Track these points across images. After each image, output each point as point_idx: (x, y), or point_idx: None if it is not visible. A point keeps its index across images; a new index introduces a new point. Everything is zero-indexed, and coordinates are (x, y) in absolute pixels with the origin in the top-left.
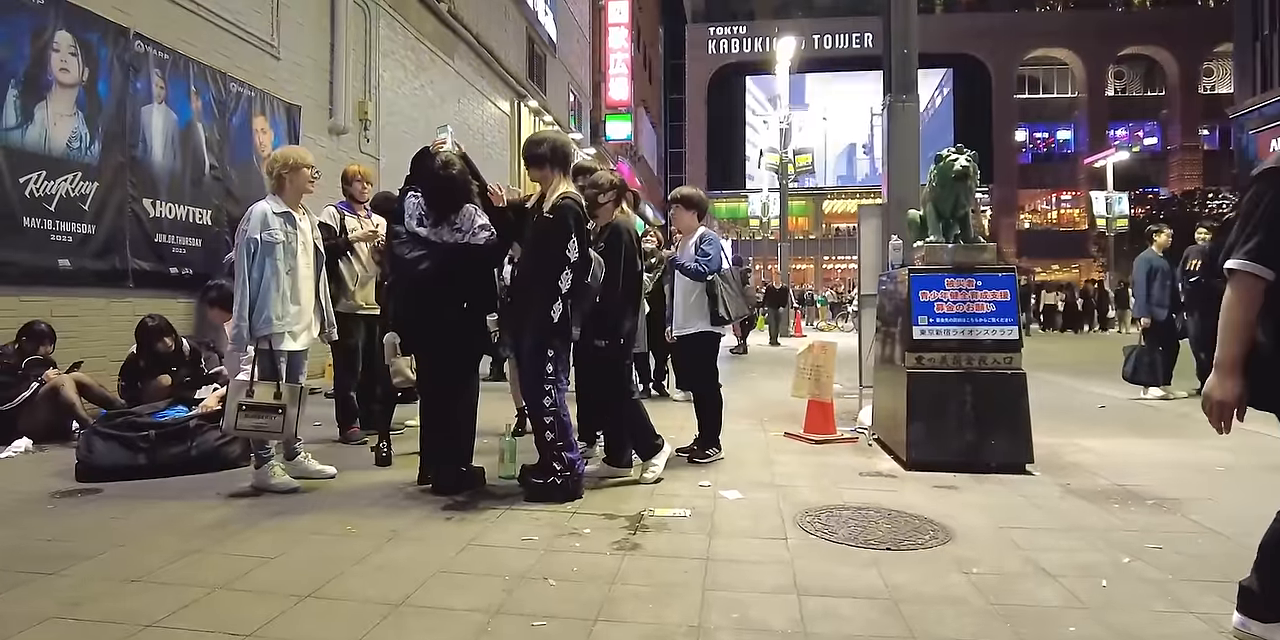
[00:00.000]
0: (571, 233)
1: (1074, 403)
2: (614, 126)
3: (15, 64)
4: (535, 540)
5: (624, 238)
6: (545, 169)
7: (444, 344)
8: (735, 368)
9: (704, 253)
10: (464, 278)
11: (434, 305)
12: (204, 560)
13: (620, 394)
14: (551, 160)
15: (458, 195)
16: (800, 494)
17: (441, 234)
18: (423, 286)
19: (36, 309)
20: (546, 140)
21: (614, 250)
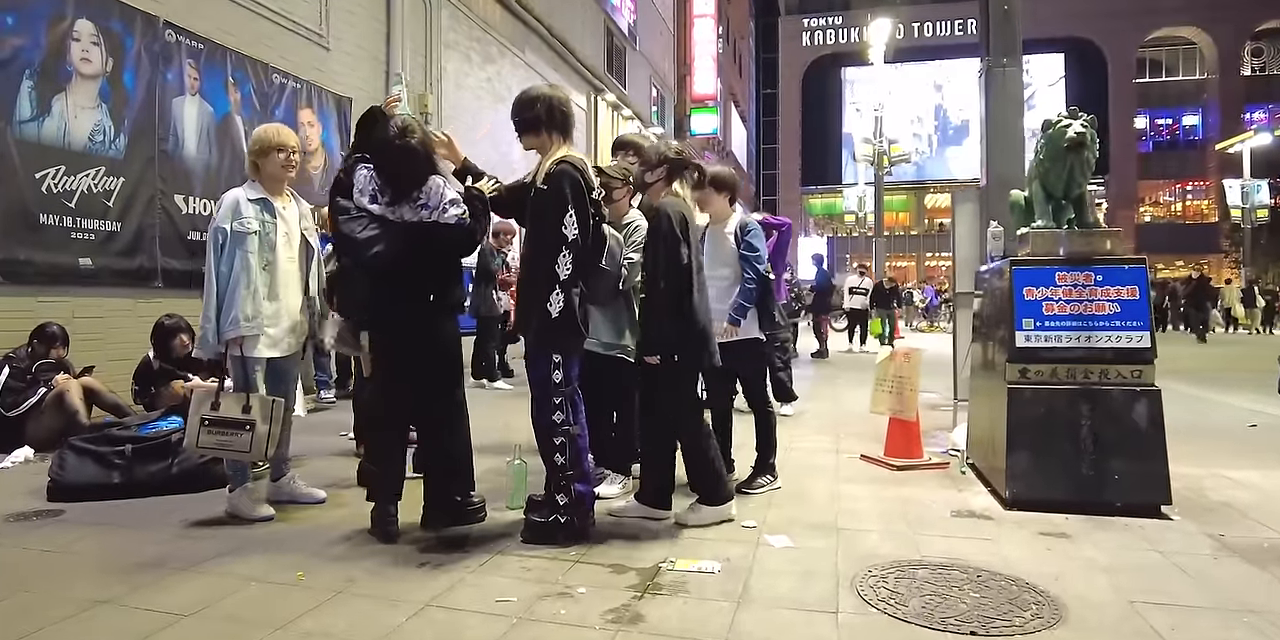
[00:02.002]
0: (568, 204)
1: (1213, 421)
2: (699, 120)
3: (30, 53)
4: (512, 602)
5: (664, 224)
6: (541, 134)
7: (419, 347)
8: (816, 374)
9: (750, 247)
10: (428, 264)
11: (396, 298)
12: (104, 617)
13: (679, 421)
14: (548, 123)
15: (420, 167)
16: (867, 543)
17: (402, 212)
18: (379, 273)
19: (56, 310)
20: (540, 98)
21: (652, 240)
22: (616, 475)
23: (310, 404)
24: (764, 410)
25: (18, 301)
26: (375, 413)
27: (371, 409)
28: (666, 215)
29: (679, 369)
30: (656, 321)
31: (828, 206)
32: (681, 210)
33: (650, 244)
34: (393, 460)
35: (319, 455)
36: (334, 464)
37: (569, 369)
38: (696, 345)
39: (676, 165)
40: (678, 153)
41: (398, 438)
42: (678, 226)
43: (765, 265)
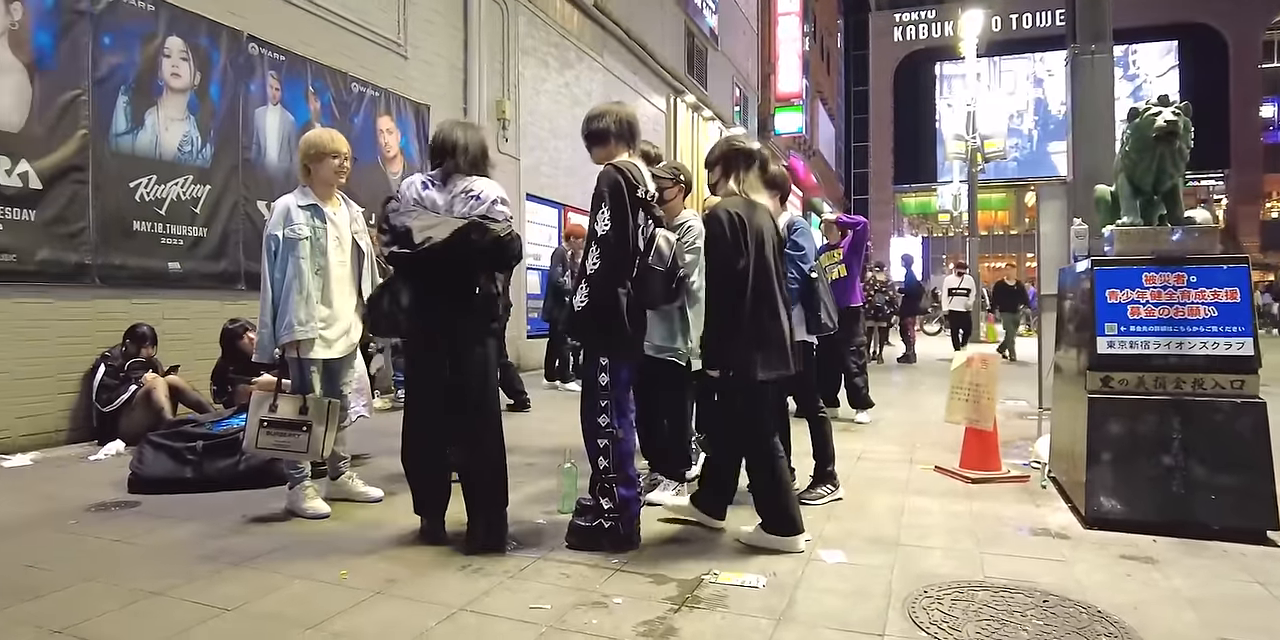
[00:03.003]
0: (602, 202)
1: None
2: (784, 119)
3: (126, 70)
4: (545, 610)
5: (711, 229)
6: (608, 145)
7: (446, 358)
8: (899, 380)
9: (795, 245)
10: (468, 269)
11: (431, 305)
12: (154, 607)
13: (737, 438)
14: (617, 134)
15: (481, 157)
16: (927, 560)
17: (454, 201)
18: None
19: (147, 312)
20: (605, 113)
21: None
22: (669, 481)
23: (387, 404)
24: (817, 417)
25: (113, 303)
26: (406, 425)
27: (405, 421)
28: (713, 219)
29: (733, 383)
30: (708, 332)
31: (922, 205)
32: (732, 211)
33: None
34: (423, 473)
35: (384, 453)
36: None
37: (616, 372)
38: (751, 358)
39: (731, 158)
40: (732, 144)
41: (430, 449)
42: (727, 230)
43: (812, 265)
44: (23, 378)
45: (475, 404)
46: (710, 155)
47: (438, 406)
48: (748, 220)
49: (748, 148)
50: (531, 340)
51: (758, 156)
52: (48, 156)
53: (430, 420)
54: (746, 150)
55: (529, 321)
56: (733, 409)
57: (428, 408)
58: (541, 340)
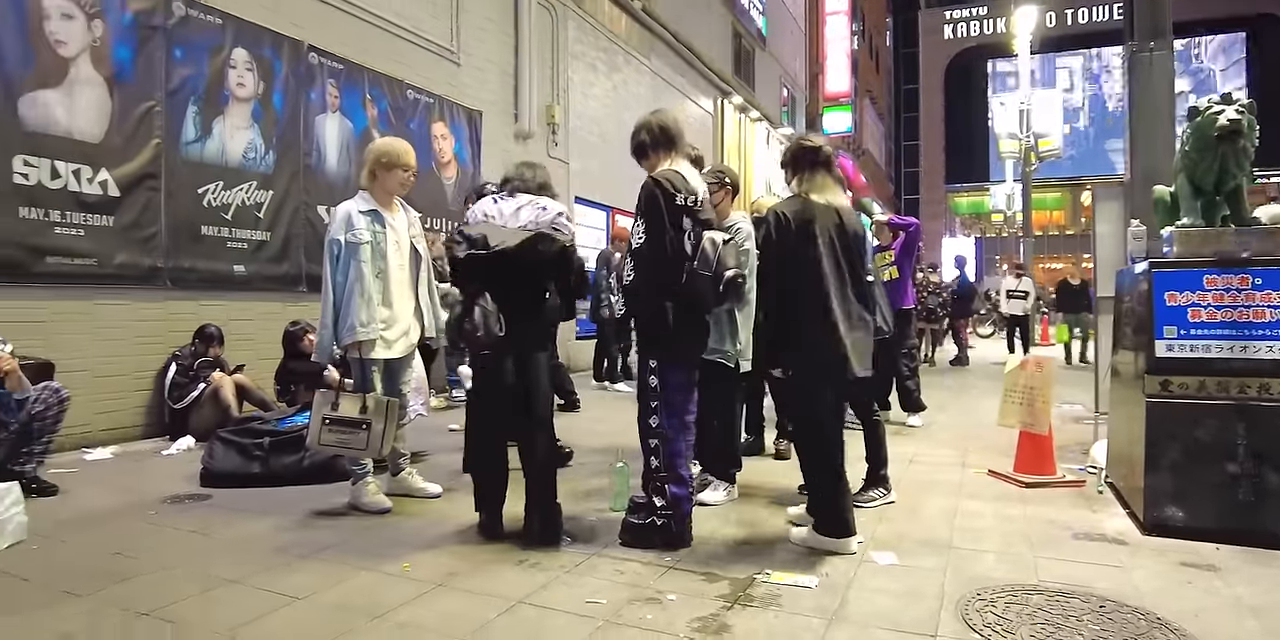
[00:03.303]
0: (639, 215)
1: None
2: (832, 119)
3: (195, 82)
4: (601, 604)
5: (763, 229)
6: (650, 156)
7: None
8: (951, 383)
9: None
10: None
11: (511, 302)
12: (231, 594)
13: (803, 438)
14: (653, 144)
15: (545, 185)
16: (981, 563)
17: (520, 210)
18: (497, 269)
19: (214, 313)
20: (642, 127)
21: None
22: (720, 482)
23: (441, 403)
24: (870, 420)
25: (183, 305)
26: (470, 424)
27: (469, 420)
28: (764, 221)
29: (789, 383)
30: (763, 332)
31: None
32: (781, 213)
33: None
34: (484, 470)
35: (441, 451)
36: (454, 459)
37: (665, 374)
38: (806, 359)
39: (798, 157)
40: (799, 143)
41: (490, 450)
42: (773, 232)
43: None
44: (102, 375)
45: (532, 405)
46: (783, 158)
47: (502, 407)
48: (798, 220)
49: (812, 145)
50: (580, 341)
51: (821, 154)
52: (125, 165)
53: (493, 420)
54: (810, 148)
55: (577, 323)
56: (789, 407)
57: (491, 408)
58: (590, 341)
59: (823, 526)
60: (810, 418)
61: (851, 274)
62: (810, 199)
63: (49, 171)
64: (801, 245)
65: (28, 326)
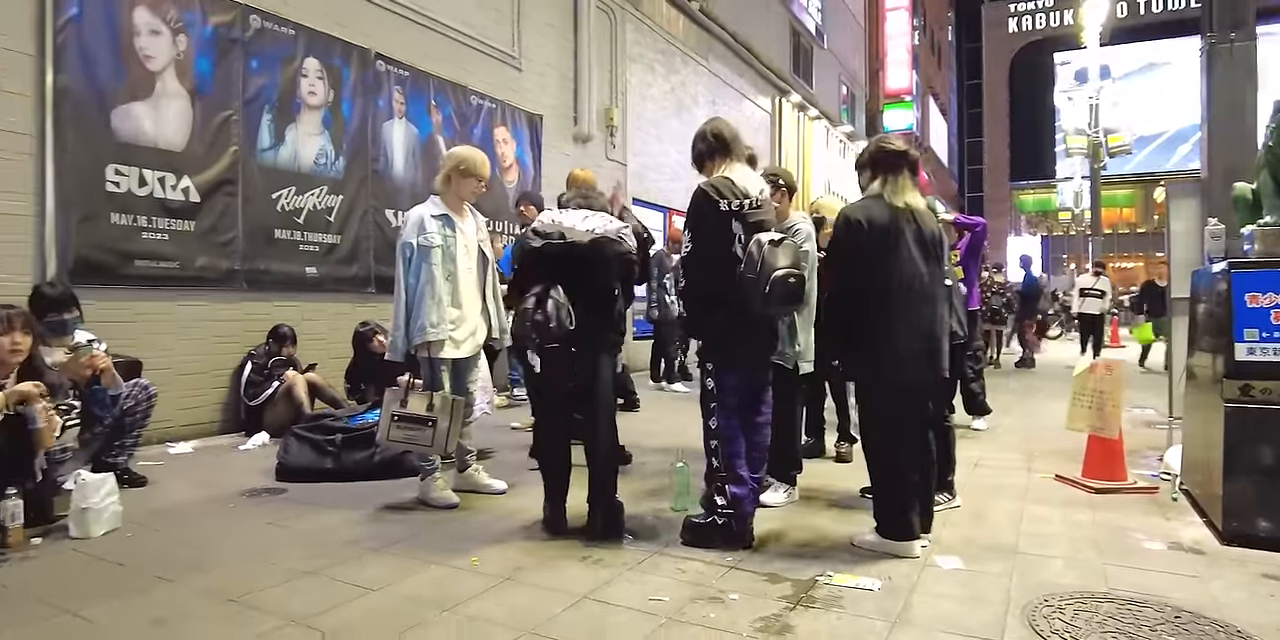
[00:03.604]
0: (686, 224)
1: None
2: (893, 116)
3: (270, 92)
4: (664, 602)
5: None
6: (708, 163)
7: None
8: (1017, 385)
9: None
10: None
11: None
12: (308, 584)
13: (869, 438)
14: (709, 152)
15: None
16: (1048, 569)
17: (590, 220)
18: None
19: (287, 313)
20: (700, 136)
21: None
22: (780, 484)
23: (503, 401)
24: (943, 425)
25: (258, 306)
26: (537, 421)
27: (536, 417)
28: (836, 222)
29: (856, 384)
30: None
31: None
32: (853, 216)
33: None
34: (552, 467)
35: (505, 448)
36: (519, 457)
37: (720, 377)
38: (873, 361)
39: (879, 160)
40: (881, 146)
41: (554, 446)
42: (845, 233)
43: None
44: (183, 373)
45: (595, 403)
46: (860, 158)
47: (565, 405)
48: (875, 222)
49: (897, 149)
50: (637, 341)
51: (909, 157)
52: (205, 172)
53: (557, 417)
54: (896, 151)
55: (634, 323)
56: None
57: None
58: (647, 341)
59: (885, 529)
60: (877, 417)
61: (930, 276)
62: (888, 201)
63: (137, 179)
64: (876, 247)
65: (117, 326)
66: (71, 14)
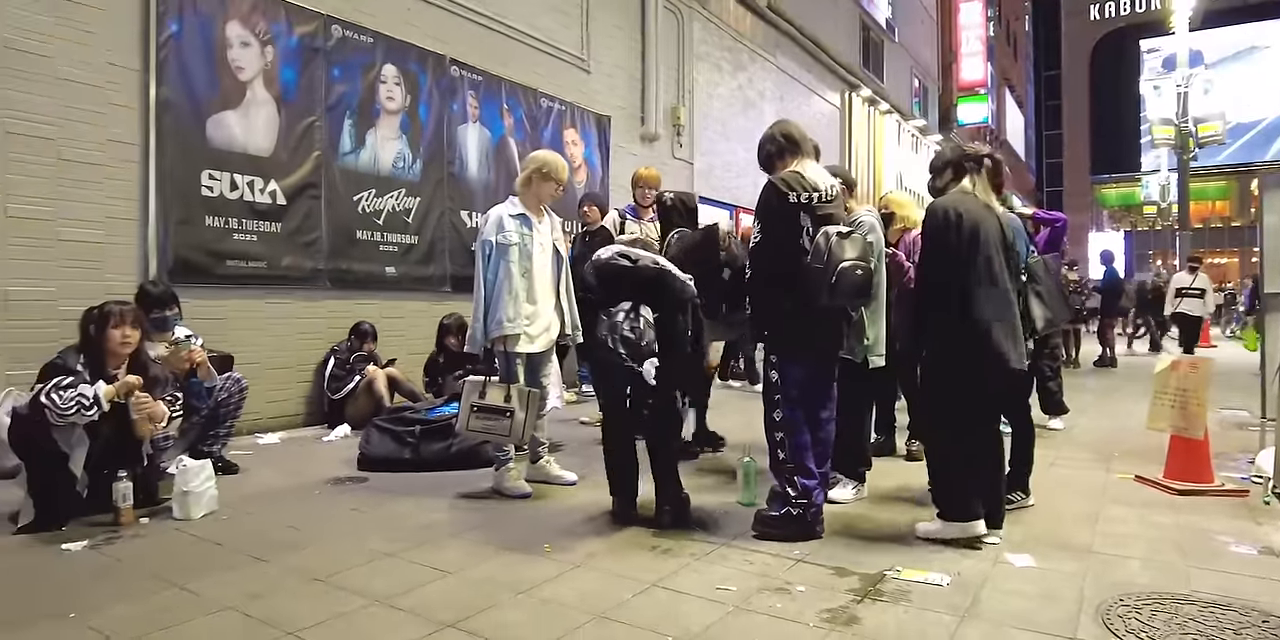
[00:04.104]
0: (755, 216)
1: None
2: (967, 109)
3: (351, 98)
4: (731, 591)
5: (924, 224)
6: (779, 164)
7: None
8: (1096, 384)
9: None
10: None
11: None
12: (388, 566)
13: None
14: (779, 153)
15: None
16: (1124, 570)
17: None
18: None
19: (368, 311)
20: (765, 139)
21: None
22: (848, 480)
23: (572, 396)
24: (1022, 422)
25: (341, 304)
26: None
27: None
28: (930, 214)
29: (924, 376)
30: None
31: (1124, 196)
32: (950, 208)
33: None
34: (619, 463)
35: (574, 442)
36: (588, 449)
37: (786, 369)
38: (952, 353)
39: (961, 163)
40: (964, 149)
41: (621, 444)
42: (940, 224)
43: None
44: (271, 368)
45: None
46: (938, 160)
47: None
48: (967, 218)
49: (980, 153)
50: None
51: (990, 161)
52: (290, 176)
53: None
54: (979, 155)
55: None
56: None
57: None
58: None
59: (948, 511)
60: (945, 407)
61: (1010, 274)
62: (977, 198)
63: (229, 184)
64: (967, 242)
65: (211, 323)
66: (172, 31)
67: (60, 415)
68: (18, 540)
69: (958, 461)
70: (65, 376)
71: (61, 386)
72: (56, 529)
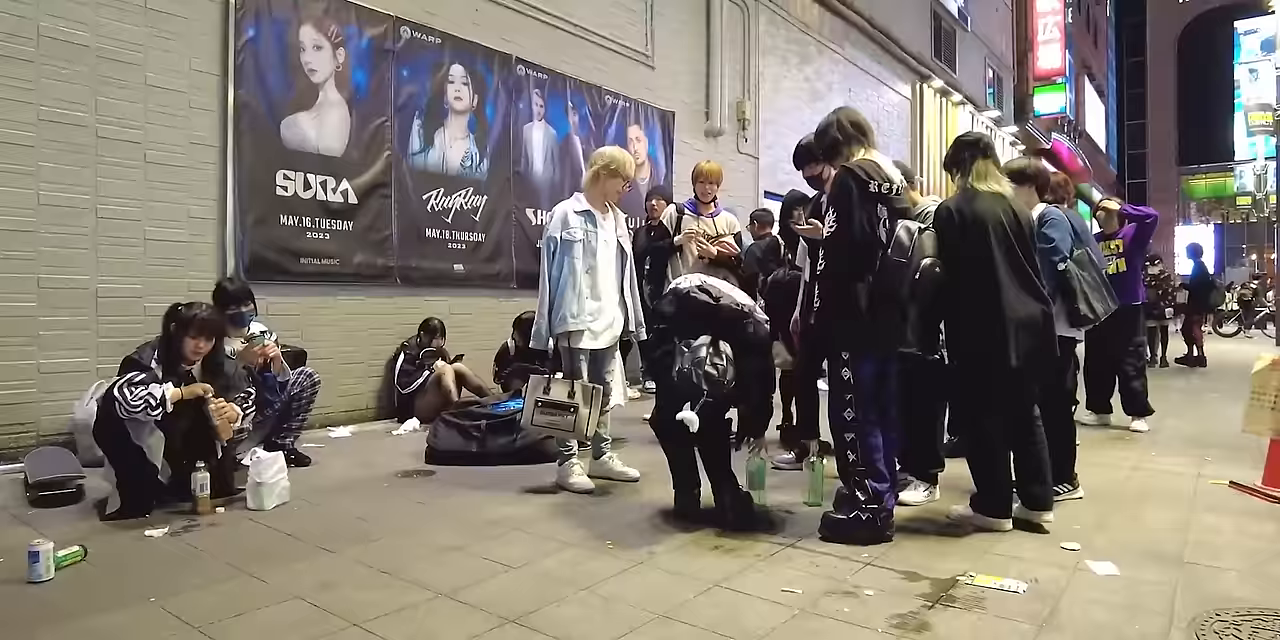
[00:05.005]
0: (831, 204)
1: None
2: (1044, 100)
3: (419, 98)
4: (797, 594)
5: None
6: (845, 152)
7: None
8: (1185, 384)
9: (1044, 237)
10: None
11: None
12: (454, 559)
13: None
14: (846, 140)
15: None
16: (1220, 581)
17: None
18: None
19: (437, 307)
20: (829, 126)
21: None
22: (920, 482)
23: (636, 393)
24: (1061, 415)
25: (410, 300)
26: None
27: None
28: (936, 213)
29: (962, 367)
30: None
31: (1214, 188)
32: (950, 206)
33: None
34: (680, 460)
35: (636, 439)
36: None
37: (859, 366)
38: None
39: (955, 153)
40: (957, 139)
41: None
42: (942, 225)
43: (1064, 254)
44: (343, 363)
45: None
46: (946, 160)
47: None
48: (963, 212)
49: (969, 138)
50: None
51: (982, 143)
52: (361, 176)
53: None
54: (968, 141)
55: None
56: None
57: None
58: None
59: (979, 503)
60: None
61: (1027, 264)
62: (978, 190)
63: (302, 183)
64: (966, 242)
65: (286, 319)
66: (249, 36)
67: (128, 410)
68: (105, 526)
69: (983, 455)
70: (139, 373)
71: (134, 382)
72: (141, 516)
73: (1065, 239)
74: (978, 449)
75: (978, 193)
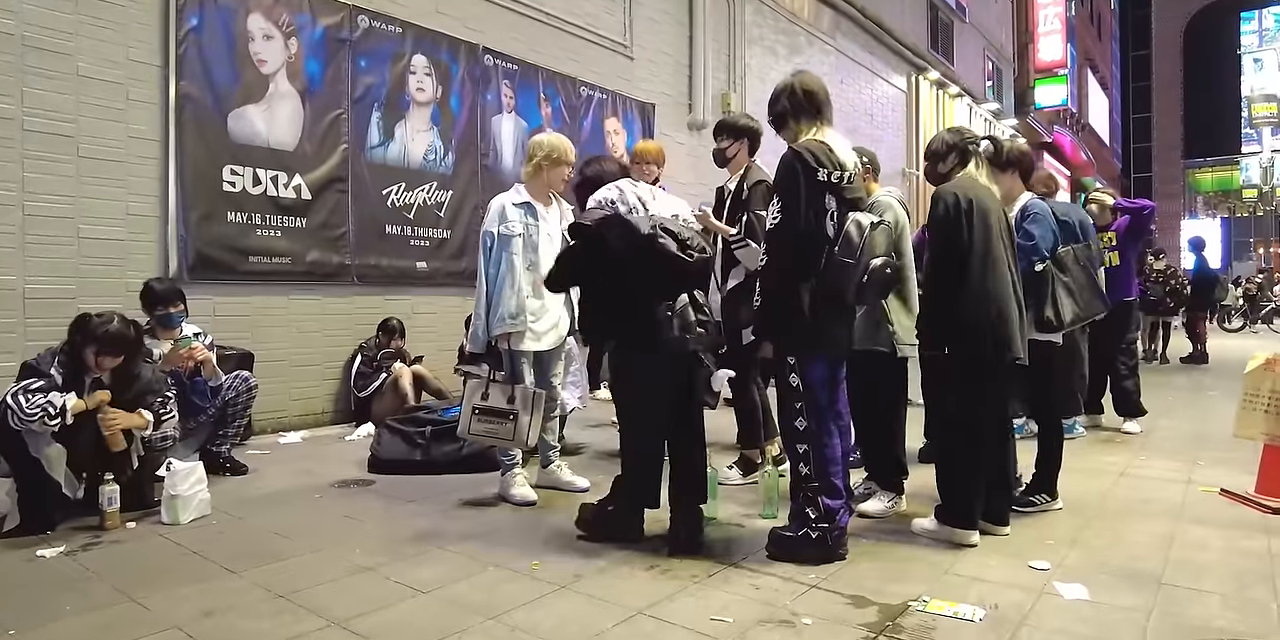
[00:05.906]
0: (774, 191)
1: None
2: (1045, 92)
3: (378, 90)
4: (726, 624)
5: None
6: (793, 126)
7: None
8: (1184, 383)
9: (1025, 234)
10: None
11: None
12: (362, 582)
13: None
14: (794, 111)
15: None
16: (1200, 607)
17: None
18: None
19: (399, 307)
20: (781, 91)
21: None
22: (884, 491)
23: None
24: (1048, 421)
25: (370, 300)
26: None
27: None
28: (939, 199)
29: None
30: (924, 313)
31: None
32: (960, 192)
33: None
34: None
35: (599, 445)
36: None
37: (809, 371)
38: (966, 340)
39: (964, 149)
40: (963, 134)
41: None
42: (952, 211)
43: (1039, 256)
44: (297, 365)
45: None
46: (935, 145)
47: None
48: (977, 204)
49: (976, 137)
50: None
51: (993, 145)
52: (315, 170)
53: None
54: (976, 139)
55: None
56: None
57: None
58: None
59: (946, 513)
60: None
61: (1010, 259)
62: (978, 182)
63: (251, 179)
64: (973, 226)
65: (235, 320)
66: (192, 25)
67: (23, 419)
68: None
69: (958, 460)
70: (37, 380)
71: (30, 390)
72: (42, 533)
73: (1047, 237)
74: (961, 450)
75: (982, 185)
